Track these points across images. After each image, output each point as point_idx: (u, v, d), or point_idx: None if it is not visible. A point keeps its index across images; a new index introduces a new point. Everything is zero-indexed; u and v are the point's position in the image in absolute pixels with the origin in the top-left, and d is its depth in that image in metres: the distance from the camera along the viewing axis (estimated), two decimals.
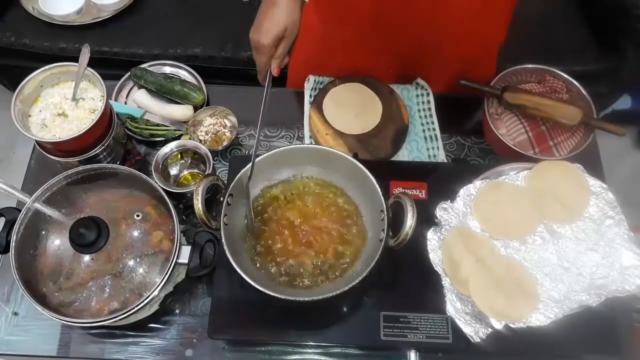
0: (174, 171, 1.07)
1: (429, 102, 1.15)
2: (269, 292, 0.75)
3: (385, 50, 1.13)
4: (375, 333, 0.83)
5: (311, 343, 0.88)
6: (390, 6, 1.00)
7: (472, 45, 1.09)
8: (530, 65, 1.11)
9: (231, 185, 0.84)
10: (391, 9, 1.01)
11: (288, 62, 0.83)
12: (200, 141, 1.10)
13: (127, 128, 1.11)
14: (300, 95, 1.16)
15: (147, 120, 1.15)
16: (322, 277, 0.84)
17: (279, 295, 0.75)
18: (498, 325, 0.81)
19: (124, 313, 0.79)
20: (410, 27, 1.04)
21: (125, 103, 1.21)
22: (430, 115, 1.14)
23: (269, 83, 0.80)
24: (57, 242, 0.82)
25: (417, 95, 1.17)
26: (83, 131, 0.92)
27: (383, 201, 0.82)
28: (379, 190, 0.83)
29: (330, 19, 1.07)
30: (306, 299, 0.77)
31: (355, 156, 0.93)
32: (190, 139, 1.09)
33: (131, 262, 0.82)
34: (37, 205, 0.85)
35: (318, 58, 1.16)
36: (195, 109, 1.15)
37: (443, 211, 0.90)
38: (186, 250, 0.84)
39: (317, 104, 1.12)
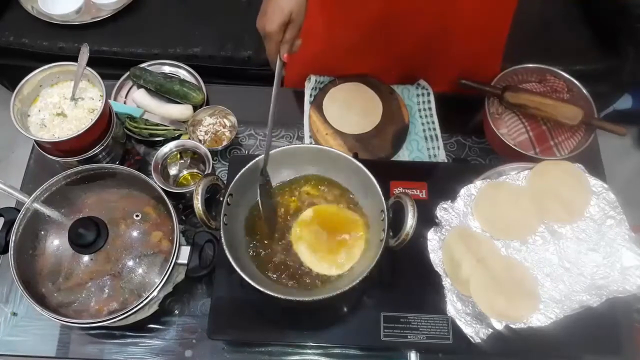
0: (173, 171, 1.06)
1: (429, 101, 1.15)
2: (269, 292, 0.75)
3: (390, 51, 1.12)
4: (375, 333, 0.83)
5: (311, 343, 0.88)
6: (400, 6, 0.99)
7: (480, 39, 1.08)
8: (531, 65, 1.11)
9: (231, 185, 0.83)
10: (401, 9, 1.00)
11: (300, 45, 0.82)
12: (200, 141, 1.10)
13: (127, 128, 1.11)
14: (300, 95, 1.15)
15: (147, 120, 1.14)
16: (322, 277, 0.84)
17: (279, 295, 0.75)
18: (499, 326, 0.80)
19: (123, 313, 0.78)
20: (418, 26, 1.04)
21: (125, 103, 1.20)
22: (431, 115, 1.14)
23: (280, 70, 0.79)
24: (56, 243, 0.82)
25: (418, 95, 1.17)
26: (82, 131, 0.91)
27: (383, 201, 0.81)
28: (379, 190, 0.82)
29: (336, 22, 1.07)
30: (306, 299, 0.77)
31: (355, 156, 0.92)
32: (189, 138, 1.09)
33: (130, 263, 0.82)
34: (36, 206, 0.84)
35: (319, 59, 1.15)
36: (195, 108, 1.15)
37: (443, 211, 0.90)
38: (185, 250, 0.84)
39: (317, 103, 1.12)
